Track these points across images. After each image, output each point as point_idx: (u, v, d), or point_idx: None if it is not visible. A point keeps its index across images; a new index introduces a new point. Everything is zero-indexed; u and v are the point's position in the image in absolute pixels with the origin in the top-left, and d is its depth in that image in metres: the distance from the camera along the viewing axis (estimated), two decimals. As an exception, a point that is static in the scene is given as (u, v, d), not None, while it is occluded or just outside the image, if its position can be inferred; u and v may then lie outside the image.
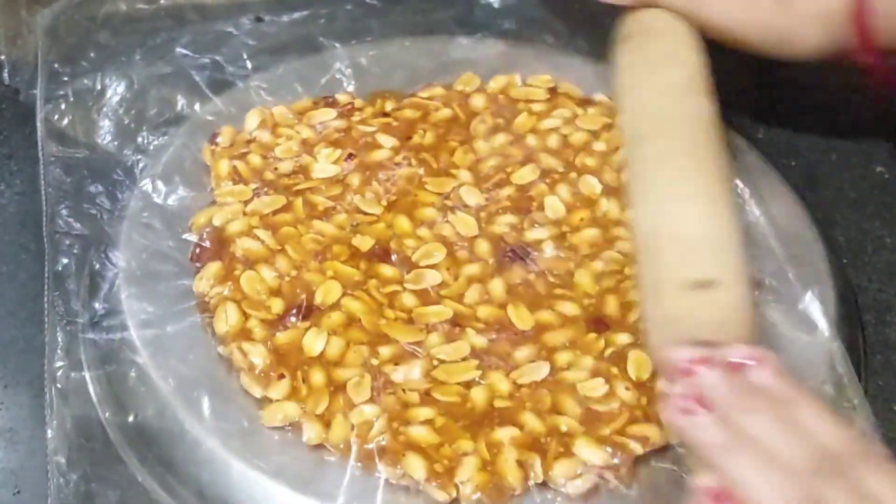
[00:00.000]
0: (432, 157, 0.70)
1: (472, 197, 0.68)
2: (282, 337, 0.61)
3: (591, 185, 0.69)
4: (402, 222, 0.66)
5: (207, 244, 0.65)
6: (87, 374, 0.61)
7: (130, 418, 0.59)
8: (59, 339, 0.61)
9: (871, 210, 0.76)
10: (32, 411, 0.61)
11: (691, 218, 0.58)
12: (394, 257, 0.64)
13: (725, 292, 0.55)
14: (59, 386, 0.60)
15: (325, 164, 0.69)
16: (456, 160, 0.70)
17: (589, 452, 0.57)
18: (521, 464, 0.56)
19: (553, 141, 0.71)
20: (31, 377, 0.62)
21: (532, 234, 0.66)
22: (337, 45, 0.76)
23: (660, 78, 0.65)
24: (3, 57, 0.74)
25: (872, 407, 0.63)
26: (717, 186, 0.60)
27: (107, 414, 0.60)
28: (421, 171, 0.69)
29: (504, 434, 0.57)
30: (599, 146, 0.71)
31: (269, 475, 0.56)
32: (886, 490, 0.47)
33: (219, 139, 0.71)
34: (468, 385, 0.59)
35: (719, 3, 0.66)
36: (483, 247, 0.66)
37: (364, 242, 0.65)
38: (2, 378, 0.63)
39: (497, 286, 0.64)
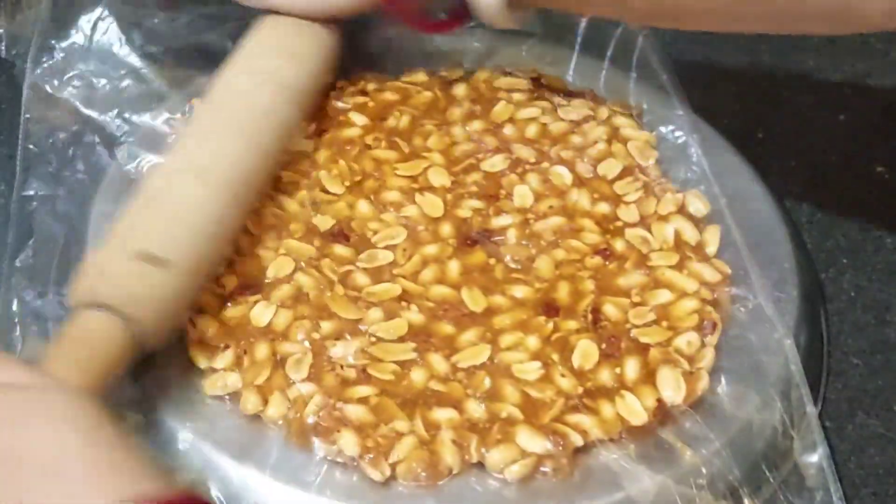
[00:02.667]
0: (404, 140, 0.69)
1: (440, 178, 0.66)
2: (232, 311, 0.59)
3: (561, 175, 0.67)
4: (364, 205, 0.65)
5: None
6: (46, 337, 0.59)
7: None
8: (14, 303, 0.60)
9: (871, 210, 0.74)
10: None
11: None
12: (351, 238, 0.63)
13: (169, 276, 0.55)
14: (17, 338, 0.58)
15: (296, 139, 0.68)
16: (430, 143, 0.68)
17: (528, 440, 0.55)
18: (457, 444, 0.54)
19: (530, 131, 0.70)
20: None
21: (497, 221, 0.65)
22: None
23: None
24: (2, 31, 0.74)
25: (872, 407, 0.62)
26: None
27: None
28: (391, 153, 0.68)
29: (442, 415, 0.55)
30: (577, 139, 0.70)
31: (211, 443, 0.55)
32: None
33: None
34: (405, 364, 0.58)
35: None
36: (446, 229, 0.64)
37: (324, 222, 0.64)
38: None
39: (454, 267, 0.62)
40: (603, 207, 0.66)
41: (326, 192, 0.65)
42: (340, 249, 0.62)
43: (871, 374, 0.65)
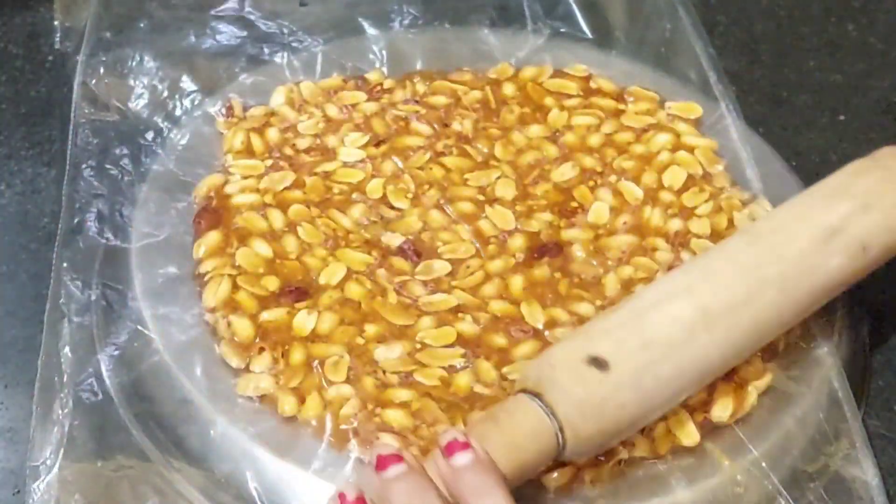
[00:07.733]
0: (473, 148, 0.65)
1: (508, 190, 0.62)
2: (270, 314, 0.56)
3: (632, 190, 0.63)
4: (436, 215, 0.62)
5: (211, 212, 0.61)
6: (94, 331, 0.58)
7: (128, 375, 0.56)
8: (62, 293, 0.58)
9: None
10: (32, 411, 0.56)
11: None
12: (422, 255, 0.60)
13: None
14: (65, 328, 0.57)
15: (350, 149, 0.64)
16: (497, 153, 0.65)
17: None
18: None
19: (593, 140, 0.66)
20: (31, 377, 0.57)
21: (567, 234, 0.61)
22: (375, 28, 0.73)
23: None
24: (56, 23, 0.72)
25: (873, 407, 0.60)
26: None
27: (103, 365, 0.56)
28: (463, 161, 0.64)
29: None
30: (640, 148, 0.66)
31: (249, 436, 0.52)
32: None
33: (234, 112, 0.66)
34: (453, 370, 0.54)
35: None
36: (517, 242, 0.60)
37: (393, 239, 0.60)
38: (2, 378, 0.59)
39: (517, 282, 0.58)
40: (676, 224, 0.62)
41: (392, 207, 0.62)
42: (398, 261, 0.59)
43: (872, 374, 0.62)
